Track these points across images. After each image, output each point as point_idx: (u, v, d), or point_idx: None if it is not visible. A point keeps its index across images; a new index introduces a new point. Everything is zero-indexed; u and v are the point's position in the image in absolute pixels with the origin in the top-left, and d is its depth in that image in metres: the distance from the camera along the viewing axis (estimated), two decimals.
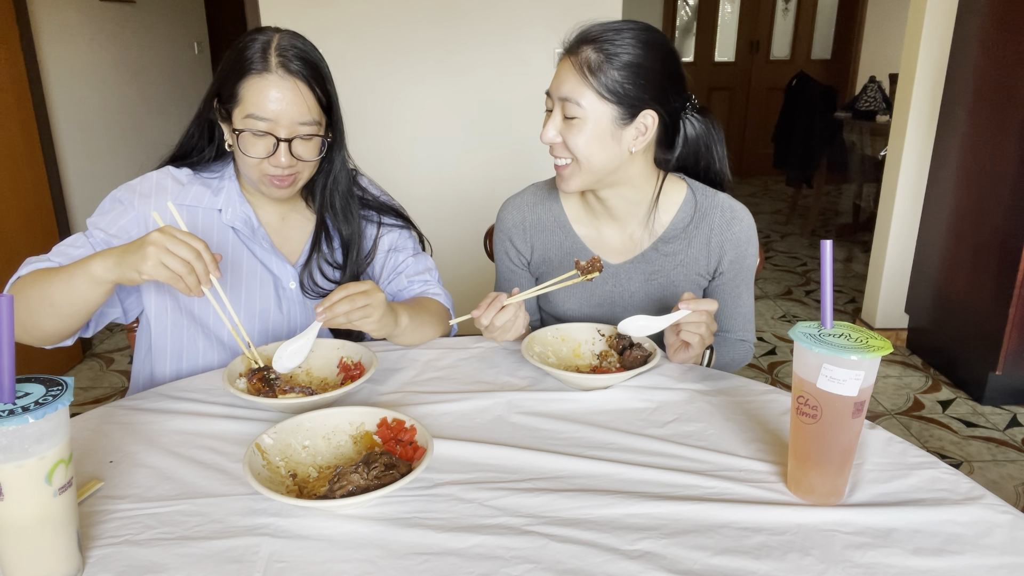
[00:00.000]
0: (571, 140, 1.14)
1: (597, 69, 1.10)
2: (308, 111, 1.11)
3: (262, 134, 1.10)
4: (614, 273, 1.30)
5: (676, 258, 1.28)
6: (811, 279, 4.08)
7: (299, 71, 1.10)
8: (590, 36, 1.12)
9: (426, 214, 2.90)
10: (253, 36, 1.11)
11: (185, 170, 1.22)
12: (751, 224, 1.29)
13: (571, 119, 1.13)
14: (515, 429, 0.97)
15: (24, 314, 1.04)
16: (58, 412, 0.64)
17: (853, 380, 0.74)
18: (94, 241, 1.14)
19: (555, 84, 1.15)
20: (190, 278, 0.94)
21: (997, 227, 2.53)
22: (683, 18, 6.65)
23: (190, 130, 1.22)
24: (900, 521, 0.77)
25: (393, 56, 2.77)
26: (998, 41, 2.52)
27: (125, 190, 1.18)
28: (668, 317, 1.08)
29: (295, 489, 0.81)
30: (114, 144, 3.48)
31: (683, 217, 1.27)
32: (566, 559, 0.71)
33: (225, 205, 1.21)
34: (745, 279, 1.31)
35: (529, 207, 1.35)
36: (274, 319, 1.24)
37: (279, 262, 1.24)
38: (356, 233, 1.27)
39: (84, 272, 0.97)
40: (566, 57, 1.14)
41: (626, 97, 1.12)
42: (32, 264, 1.10)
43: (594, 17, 1.17)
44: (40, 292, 1.02)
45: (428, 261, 1.38)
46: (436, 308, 1.30)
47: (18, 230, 2.65)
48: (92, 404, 2.61)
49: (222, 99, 1.13)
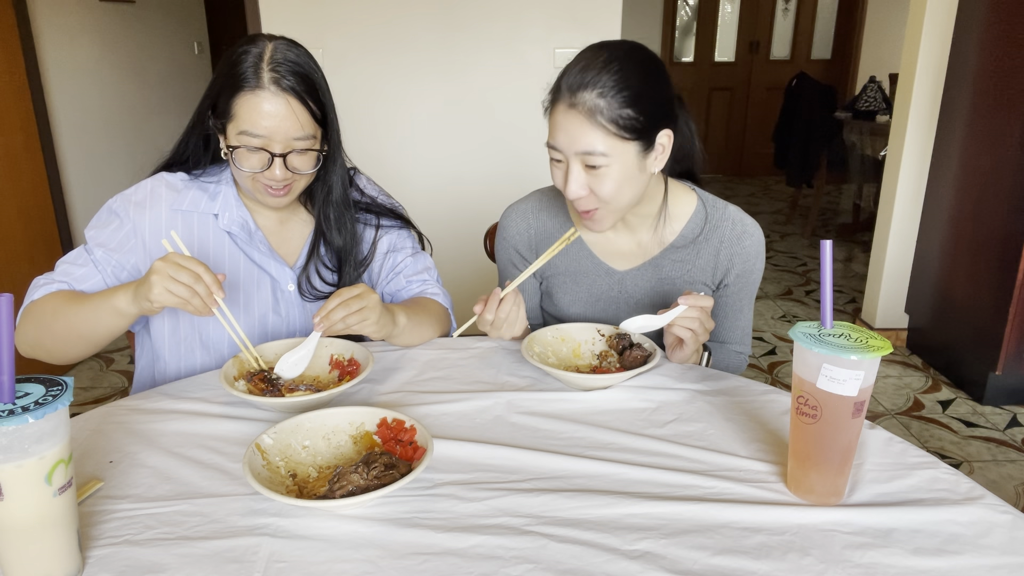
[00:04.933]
0: (599, 189, 1.09)
1: (607, 112, 1.04)
2: (301, 126, 1.10)
3: (256, 150, 1.09)
4: (620, 279, 1.29)
5: (683, 267, 1.27)
6: (811, 279, 4.08)
7: (291, 87, 1.08)
8: (585, 82, 1.05)
9: (425, 214, 2.90)
10: (246, 48, 1.09)
11: (180, 174, 1.21)
12: (761, 240, 1.27)
13: (595, 168, 1.08)
14: (515, 429, 0.97)
15: (50, 343, 1.10)
16: (58, 412, 0.64)
17: (853, 380, 0.74)
18: (95, 258, 1.15)
19: (565, 140, 1.07)
20: (195, 300, 0.98)
21: (997, 227, 2.53)
22: (683, 18, 6.65)
23: (184, 138, 1.22)
24: (900, 521, 0.77)
25: (393, 55, 2.77)
26: (998, 41, 2.52)
27: (120, 200, 1.19)
28: (668, 314, 1.08)
29: (295, 489, 0.81)
30: (114, 144, 3.48)
31: (693, 228, 1.26)
32: (566, 559, 0.71)
33: (222, 209, 1.20)
34: (748, 293, 1.30)
35: (534, 215, 1.33)
36: (272, 322, 1.24)
37: (277, 265, 1.24)
38: (349, 243, 1.27)
39: (109, 306, 1.04)
40: (568, 109, 1.06)
41: (642, 128, 1.07)
42: (43, 288, 1.12)
43: (593, 17, 1.16)
44: (66, 324, 1.07)
45: (427, 260, 1.38)
46: (434, 308, 1.30)
47: (18, 230, 2.65)
48: (92, 404, 2.61)
49: (216, 112, 1.12)
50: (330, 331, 1.05)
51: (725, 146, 6.92)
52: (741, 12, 6.63)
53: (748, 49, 6.68)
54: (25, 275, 2.66)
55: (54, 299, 1.10)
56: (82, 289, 1.14)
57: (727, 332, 1.32)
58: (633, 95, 1.05)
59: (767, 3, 6.57)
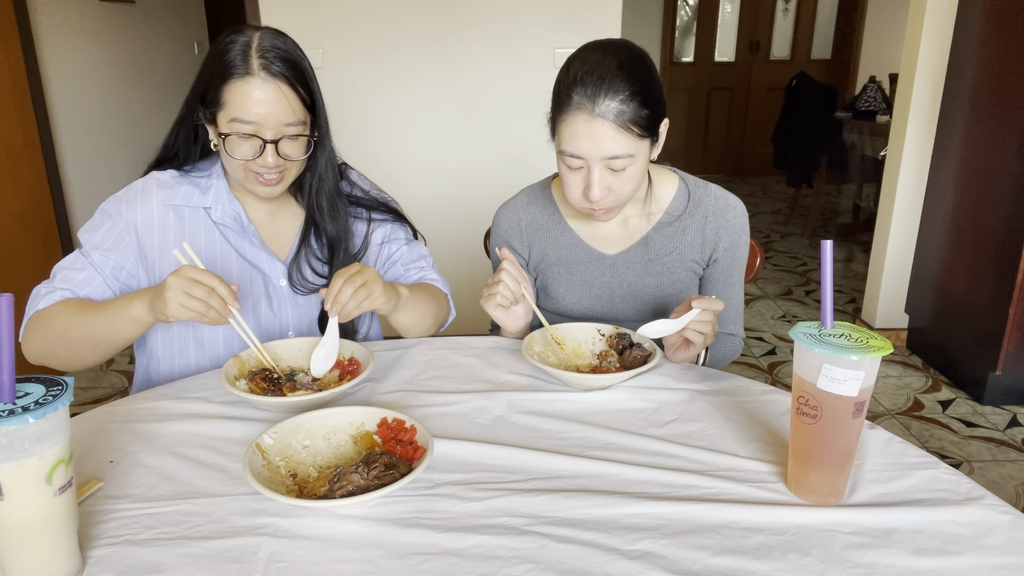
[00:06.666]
0: (621, 188, 1.13)
1: (631, 116, 1.08)
2: (292, 112, 1.11)
3: (248, 136, 1.10)
4: (612, 264, 1.32)
5: (671, 243, 1.30)
6: (811, 279, 4.08)
7: (281, 72, 1.09)
8: (604, 90, 1.07)
9: (425, 214, 2.90)
10: (233, 38, 1.10)
11: (170, 172, 1.22)
12: (744, 213, 1.31)
13: (618, 170, 1.11)
14: (515, 429, 0.97)
15: (64, 352, 1.11)
16: (58, 412, 0.64)
17: (853, 380, 0.74)
18: (92, 261, 1.15)
19: (590, 147, 1.09)
20: (211, 314, 0.99)
21: (997, 227, 2.53)
22: (683, 18, 6.64)
23: (174, 132, 1.22)
24: (900, 521, 0.77)
25: (392, 55, 2.77)
26: (998, 41, 2.52)
27: (112, 202, 1.20)
28: (684, 318, 1.08)
29: (295, 489, 0.81)
30: (114, 144, 3.48)
31: (678, 205, 1.30)
32: (566, 559, 0.71)
33: (214, 203, 1.21)
34: (737, 270, 1.33)
35: (524, 208, 1.36)
36: (265, 317, 1.24)
37: (269, 259, 1.24)
38: (343, 230, 1.28)
39: (127, 315, 1.05)
40: (591, 118, 1.08)
41: (651, 124, 1.12)
42: (46, 296, 1.12)
43: (593, 17, 1.17)
44: (81, 333, 1.08)
45: (422, 248, 1.40)
46: (434, 290, 1.33)
47: (18, 230, 2.65)
48: (92, 404, 2.61)
49: (205, 102, 1.13)
50: (343, 314, 1.06)
51: (725, 146, 6.92)
52: (741, 12, 6.63)
53: (748, 49, 6.68)
54: (25, 275, 2.66)
55: (63, 308, 1.10)
56: (85, 294, 1.14)
57: (719, 313, 1.33)
58: (646, 95, 1.09)
59: (767, 3, 6.57)
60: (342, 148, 1.32)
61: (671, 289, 1.32)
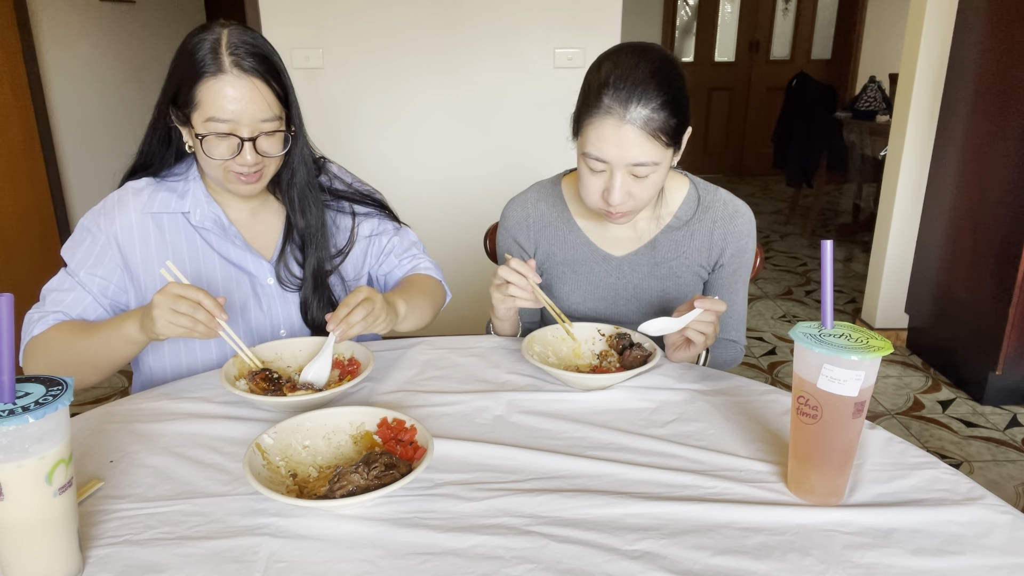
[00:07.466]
0: (641, 194, 1.13)
1: (660, 125, 1.07)
2: (268, 107, 1.10)
3: (225, 135, 1.09)
4: (618, 264, 1.31)
5: (679, 248, 1.29)
6: (811, 279, 4.08)
7: (254, 68, 1.08)
8: (635, 96, 1.06)
9: (425, 213, 2.90)
10: (201, 36, 1.09)
11: (145, 179, 1.21)
12: (752, 220, 1.31)
13: (641, 176, 1.11)
14: (515, 429, 0.97)
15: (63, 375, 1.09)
16: (58, 412, 0.64)
17: (853, 380, 0.74)
18: (80, 280, 1.15)
19: (616, 153, 1.08)
20: (200, 327, 0.99)
21: (997, 227, 2.53)
22: (683, 18, 6.64)
23: (147, 139, 1.21)
24: (900, 521, 0.77)
25: (393, 55, 2.77)
26: (998, 41, 2.52)
27: (90, 217, 1.19)
28: (686, 316, 1.07)
29: (295, 489, 0.81)
30: (114, 144, 3.48)
31: (687, 209, 1.29)
32: (566, 559, 0.71)
33: (192, 207, 1.20)
34: (742, 276, 1.32)
35: (533, 204, 1.36)
36: (256, 317, 1.24)
37: (255, 259, 1.23)
38: (316, 224, 1.25)
39: (121, 336, 1.06)
40: (621, 124, 1.06)
41: (678, 133, 1.11)
42: (39, 322, 1.12)
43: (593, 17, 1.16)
44: (78, 356, 1.10)
45: (411, 235, 1.40)
46: (428, 284, 1.32)
47: (18, 230, 2.65)
48: (92, 404, 2.61)
49: (178, 104, 1.11)
50: (345, 336, 1.06)
51: (725, 146, 6.92)
52: (741, 12, 6.63)
53: (748, 49, 6.68)
54: (24, 275, 2.66)
55: (59, 332, 1.11)
56: (77, 314, 1.14)
57: (721, 320, 1.33)
58: (676, 105, 1.08)
59: (767, 3, 6.57)
60: (342, 148, 1.32)
61: (676, 292, 1.31)
